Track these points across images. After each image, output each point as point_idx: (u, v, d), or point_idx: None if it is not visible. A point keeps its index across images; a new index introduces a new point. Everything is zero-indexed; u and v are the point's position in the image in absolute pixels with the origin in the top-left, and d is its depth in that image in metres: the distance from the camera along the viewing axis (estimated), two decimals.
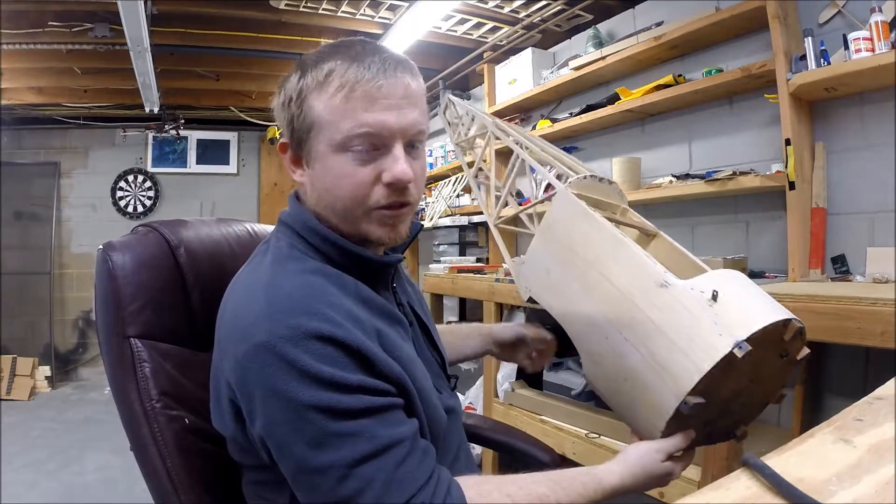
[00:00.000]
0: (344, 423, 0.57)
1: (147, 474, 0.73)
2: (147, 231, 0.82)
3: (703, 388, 0.64)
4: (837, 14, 1.64)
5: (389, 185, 0.65)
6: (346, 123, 0.63)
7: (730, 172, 1.79)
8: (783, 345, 0.70)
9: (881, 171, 1.57)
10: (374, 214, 0.67)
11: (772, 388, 0.77)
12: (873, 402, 0.57)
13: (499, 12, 2.66)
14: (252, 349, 0.58)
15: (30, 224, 4.39)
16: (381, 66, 0.64)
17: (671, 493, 1.50)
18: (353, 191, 0.65)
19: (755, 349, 0.63)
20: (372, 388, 0.59)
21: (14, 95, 3.70)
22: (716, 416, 0.73)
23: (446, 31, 2.88)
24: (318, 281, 0.64)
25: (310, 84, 0.65)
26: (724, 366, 0.63)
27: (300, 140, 0.68)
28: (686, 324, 0.66)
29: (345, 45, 0.67)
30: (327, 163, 0.66)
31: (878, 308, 1.09)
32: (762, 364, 0.70)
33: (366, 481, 0.56)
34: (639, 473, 0.70)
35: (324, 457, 0.56)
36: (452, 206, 3.36)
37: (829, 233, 1.66)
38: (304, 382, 0.56)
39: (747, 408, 0.77)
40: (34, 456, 2.83)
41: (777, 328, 0.67)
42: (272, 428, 0.58)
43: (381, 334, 0.64)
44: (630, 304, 0.71)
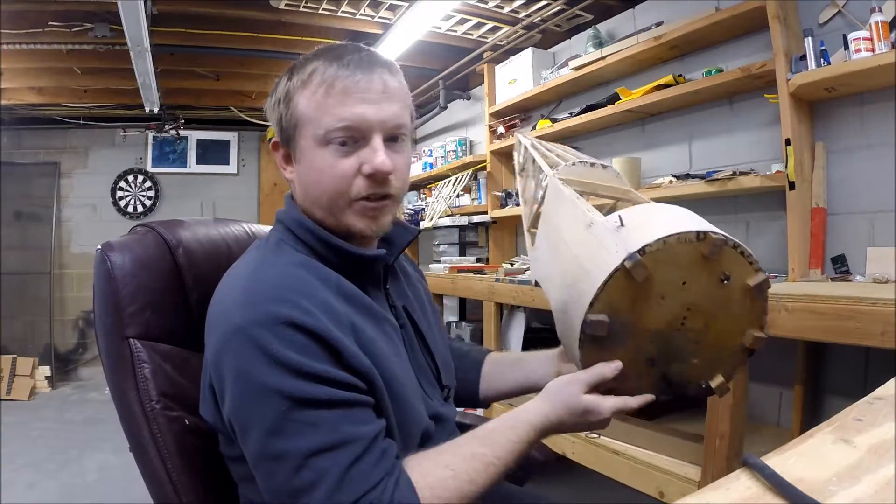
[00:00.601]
0: (305, 412, 0.58)
1: (147, 475, 0.72)
2: (146, 231, 0.82)
3: (604, 306, 0.64)
4: (837, 14, 1.64)
5: (370, 176, 0.68)
6: (327, 118, 0.67)
7: (730, 172, 1.79)
8: (714, 265, 0.65)
9: (881, 171, 1.57)
10: (355, 206, 0.69)
11: (735, 327, 0.69)
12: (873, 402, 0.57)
13: (499, 12, 2.66)
14: (228, 333, 0.60)
15: (30, 224, 4.39)
16: (358, 63, 0.67)
17: (671, 493, 1.50)
18: (336, 183, 0.68)
19: (660, 264, 0.63)
20: (337, 380, 0.60)
21: (14, 95, 3.70)
22: (657, 352, 0.69)
23: (446, 31, 2.87)
24: (298, 272, 0.66)
25: (295, 84, 0.69)
26: (624, 282, 0.63)
27: (288, 138, 0.71)
28: (595, 252, 0.67)
29: (331, 48, 0.71)
30: (311, 157, 0.69)
31: (878, 308, 1.09)
32: (695, 289, 0.66)
33: (319, 474, 0.57)
34: (559, 406, 0.68)
35: (281, 443, 0.57)
36: (452, 206, 3.36)
37: (829, 233, 1.66)
38: (270, 367, 0.58)
39: (709, 351, 0.70)
40: (34, 456, 2.83)
41: (688, 241, 0.63)
42: (238, 409, 0.60)
43: (356, 328, 0.65)
44: (571, 254, 0.73)
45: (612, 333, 0.66)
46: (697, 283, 0.66)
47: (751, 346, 0.70)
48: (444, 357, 0.86)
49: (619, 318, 0.65)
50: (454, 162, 3.39)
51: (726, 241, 0.65)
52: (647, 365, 0.69)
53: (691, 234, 0.64)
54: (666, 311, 0.66)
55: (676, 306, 0.66)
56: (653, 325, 0.67)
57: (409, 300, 0.84)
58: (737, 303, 0.68)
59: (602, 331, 0.65)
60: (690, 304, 0.67)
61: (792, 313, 1.23)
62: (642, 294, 0.64)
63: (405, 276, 0.88)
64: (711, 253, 0.64)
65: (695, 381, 0.72)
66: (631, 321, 0.66)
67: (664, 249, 0.63)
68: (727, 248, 0.65)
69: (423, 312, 0.86)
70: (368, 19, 2.74)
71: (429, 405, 0.76)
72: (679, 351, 0.69)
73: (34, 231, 4.39)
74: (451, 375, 0.86)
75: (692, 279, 0.65)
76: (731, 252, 0.66)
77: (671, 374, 0.71)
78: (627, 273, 0.62)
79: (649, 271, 0.62)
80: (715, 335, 0.69)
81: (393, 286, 0.81)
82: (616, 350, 0.67)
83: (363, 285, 0.73)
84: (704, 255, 0.64)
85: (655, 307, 0.66)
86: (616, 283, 0.63)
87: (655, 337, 0.68)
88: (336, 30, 2.86)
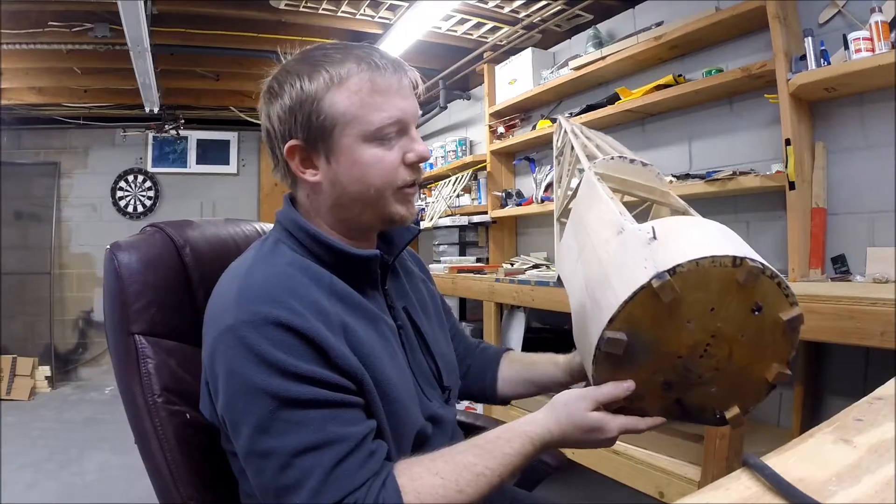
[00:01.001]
0: (291, 412, 0.59)
1: (149, 468, 0.75)
2: (154, 231, 0.85)
3: (624, 324, 0.60)
4: (837, 14, 1.64)
5: (413, 163, 0.72)
6: (378, 114, 0.69)
7: (730, 172, 1.79)
8: (747, 293, 0.60)
9: (881, 171, 1.57)
10: (398, 194, 0.72)
11: (760, 359, 0.65)
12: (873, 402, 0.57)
13: (499, 12, 2.66)
14: (220, 332, 0.62)
15: (30, 224, 4.39)
16: (390, 63, 0.71)
17: (671, 494, 1.50)
18: (385, 174, 0.70)
19: (690, 287, 0.59)
20: (324, 380, 0.60)
21: (14, 95, 3.70)
22: (675, 376, 0.65)
23: (446, 31, 2.87)
24: (290, 272, 0.67)
25: (325, 84, 0.69)
26: (648, 301, 0.59)
27: (316, 139, 0.70)
28: (622, 262, 0.63)
29: (344, 48, 0.72)
30: (357, 153, 0.70)
31: (878, 308, 1.09)
32: (723, 316, 0.62)
33: (305, 473, 0.57)
34: (564, 421, 0.66)
35: (268, 441, 0.58)
36: (452, 206, 3.36)
37: (829, 233, 1.66)
38: (258, 366, 0.59)
39: (730, 380, 0.66)
40: (34, 456, 2.83)
41: (722, 266, 0.59)
42: (229, 407, 0.61)
43: (347, 328, 0.66)
44: (596, 258, 0.70)
45: (630, 353, 0.62)
46: (727, 310, 0.61)
47: (773, 380, 0.66)
48: (447, 358, 0.86)
49: (639, 337, 0.62)
50: (454, 162, 3.39)
51: (764, 269, 0.60)
52: (662, 388, 0.66)
53: (728, 258, 0.59)
54: (689, 336, 0.62)
55: (701, 332, 0.62)
56: (674, 348, 0.63)
57: (410, 300, 0.84)
58: (766, 334, 0.63)
59: (619, 349, 0.62)
60: (716, 331, 0.63)
61: None
62: (667, 316, 0.61)
63: (408, 276, 0.88)
64: (746, 281, 0.59)
65: (710, 409, 0.68)
66: (651, 342, 0.62)
67: (696, 272, 0.59)
68: (764, 278, 0.60)
69: (426, 313, 0.86)
70: (368, 19, 2.74)
71: (427, 406, 0.76)
72: (698, 378, 0.65)
73: (34, 231, 4.39)
74: (452, 377, 0.86)
75: (722, 306, 0.61)
76: (767, 282, 0.61)
77: (686, 400, 0.67)
78: (654, 292, 0.58)
79: (678, 293, 0.59)
80: (738, 365, 0.65)
81: (393, 286, 0.81)
82: (631, 370, 0.64)
83: (360, 285, 0.73)
84: (738, 282, 0.60)
85: (679, 331, 0.62)
86: (640, 300, 0.59)
87: (675, 361, 0.64)
88: (336, 30, 2.86)
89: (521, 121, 3.02)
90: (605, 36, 2.46)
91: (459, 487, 0.60)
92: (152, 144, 4.66)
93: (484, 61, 3.08)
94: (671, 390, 0.66)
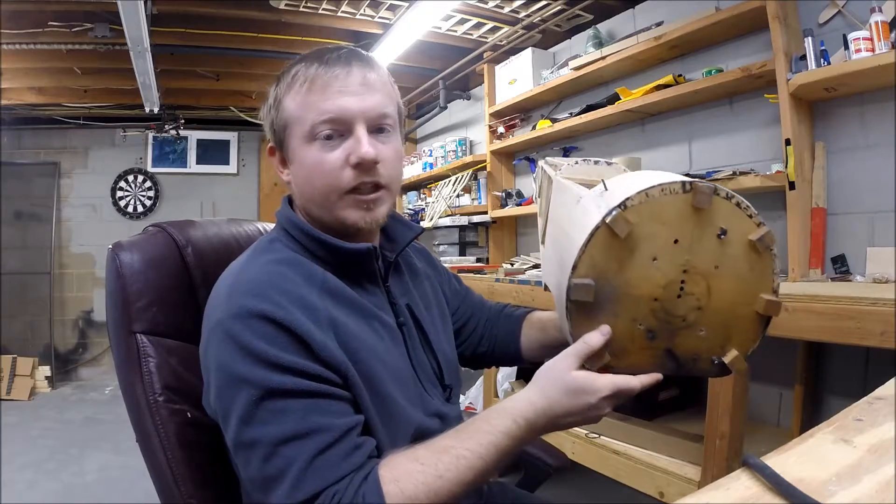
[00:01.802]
0: (274, 402, 0.59)
1: (150, 466, 0.75)
2: (156, 231, 0.86)
3: (588, 269, 0.59)
4: (837, 14, 1.64)
5: (356, 165, 0.69)
6: (311, 114, 0.69)
7: (730, 172, 1.79)
8: (707, 219, 0.59)
9: (881, 171, 1.57)
10: (346, 199, 0.71)
11: (744, 291, 0.62)
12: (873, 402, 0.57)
13: (499, 12, 2.66)
14: (212, 326, 0.64)
15: (30, 224, 4.39)
16: (336, 59, 0.70)
17: (671, 493, 1.50)
18: (325, 176, 0.70)
19: (646, 219, 0.58)
20: (307, 371, 0.61)
21: (14, 95, 3.70)
22: (657, 323, 0.62)
23: (446, 31, 2.87)
24: (279, 270, 0.68)
25: (282, 88, 0.72)
26: (607, 241, 0.58)
27: (280, 141, 0.74)
28: (581, 220, 0.63)
29: (316, 51, 0.73)
30: (301, 155, 0.71)
31: (878, 308, 1.09)
32: (690, 248, 0.60)
33: (287, 462, 0.58)
34: (548, 388, 0.62)
35: (252, 431, 0.59)
36: (452, 206, 3.36)
37: (829, 233, 1.66)
38: (243, 357, 0.60)
39: (717, 319, 0.63)
40: (34, 456, 2.83)
41: (673, 193, 0.58)
42: (218, 398, 0.63)
43: (336, 323, 0.66)
44: (563, 233, 0.70)
45: (601, 300, 0.60)
46: (691, 239, 0.60)
47: (764, 311, 0.62)
48: (448, 356, 0.86)
49: (608, 283, 0.60)
50: (454, 162, 3.39)
51: (716, 190, 0.59)
52: (646, 338, 0.63)
53: (676, 184, 0.58)
54: (660, 274, 0.60)
55: (671, 269, 0.60)
56: (647, 291, 0.61)
57: (414, 297, 0.83)
58: (741, 262, 0.61)
59: (588, 296, 0.59)
60: (686, 264, 0.60)
61: (792, 313, 1.23)
62: (629, 254, 0.59)
63: (413, 273, 0.88)
64: (700, 203, 0.58)
65: (705, 356, 0.64)
66: (621, 286, 0.60)
67: (647, 203, 0.58)
68: (720, 200, 0.59)
69: (429, 311, 0.86)
70: (368, 19, 2.74)
71: (429, 404, 0.76)
72: (682, 322, 0.62)
73: (34, 231, 4.39)
74: (453, 375, 0.86)
75: (684, 236, 0.60)
76: (724, 204, 0.60)
77: (677, 349, 0.64)
78: (609, 230, 0.58)
79: (632, 225, 0.58)
80: (721, 301, 0.62)
81: (395, 283, 0.81)
82: (608, 320, 0.62)
83: (358, 280, 0.74)
84: (694, 207, 0.59)
85: (647, 270, 0.60)
86: (598, 241, 0.59)
87: (653, 305, 0.61)
88: (336, 30, 2.86)
89: (521, 121, 3.02)
90: (605, 36, 2.46)
91: (439, 472, 0.58)
92: (152, 144, 4.66)
93: (484, 61, 3.08)
94: (657, 339, 0.63)
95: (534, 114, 2.96)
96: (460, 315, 0.98)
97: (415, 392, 0.75)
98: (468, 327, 0.98)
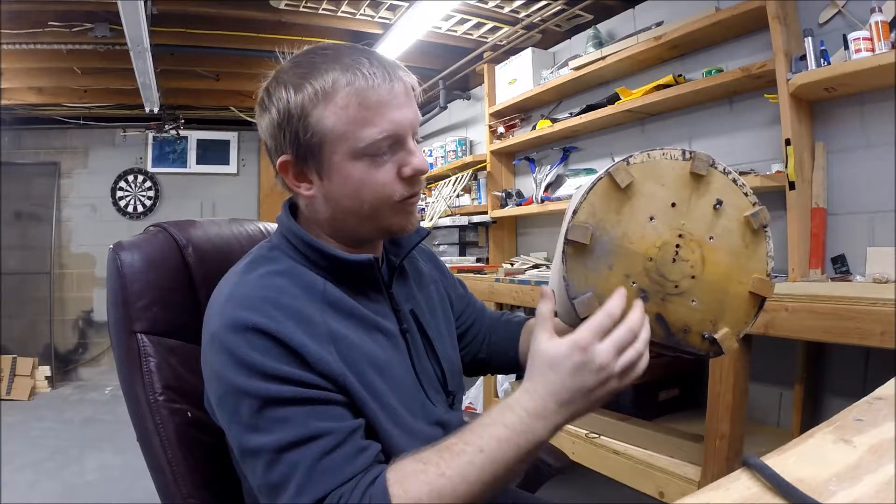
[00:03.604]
0: (274, 410, 0.59)
1: (150, 465, 0.76)
2: (157, 231, 0.86)
3: (589, 217, 0.62)
4: (837, 14, 1.64)
5: (410, 177, 0.69)
6: (368, 131, 0.65)
7: None
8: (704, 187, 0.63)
9: (881, 171, 1.57)
10: (396, 207, 0.70)
11: (737, 267, 0.64)
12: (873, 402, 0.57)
13: (499, 12, 2.66)
14: (208, 337, 0.64)
15: (30, 224, 4.39)
16: (381, 70, 0.66)
17: (671, 493, 1.50)
18: (378, 191, 0.68)
19: (646, 178, 0.62)
20: (302, 380, 0.61)
21: (14, 95, 3.70)
22: (650, 283, 0.63)
23: (446, 31, 2.87)
24: (278, 281, 0.67)
25: (311, 98, 0.65)
26: (608, 191, 0.62)
27: (307, 156, 0.68)
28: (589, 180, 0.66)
29: (332, 55, 0.67)
30: (348, 171, 0.67)
31: (878, 308, 1.09)
32: (686, 213, 0.63)
33: (291, 468, 0.58)
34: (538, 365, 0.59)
35: (254, 440, 0.60)
36: (452, 206, 3.36)
37: (829, 233, 1.66)
38: (239, 369, 0.60)
39: (710, 292, 0.64)
40: (34, 456, 2.83)
41: (673, 158, 0.63)
42: (219, 409, 0.63)
43: (337, 337, 0.66)
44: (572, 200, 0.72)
45: (598, 249, 0.62)
46: (688, 205, 0.63)
47: (756, 290, 0.64)
48: (452, 362, 0.85)
49: (606, 232, 0.62)
50: (454, 162, 3.39)
51: (715, 162, 0.63)
52: (639, 298, 0.63)
53: (676, 151, 0.64)
54: (656, 233, 0.63)
55: (667, 230, 0.63)
56: (642, 247, 0.63)
57: (418, 303, 0.83)
58: (735, 236, 0.64)
59: (584, 237, 0.61)
60: (682, 229, 0.63)
61: (792, 313, 1.23)
62: (629, 209, 0.63)
63: (417, 276, 0.87)
64: (697, 168, 0.63)
65: (696, 329, 0.65)
66: (617, 238, 0.62)
67: (649, 163, 0.63)
68: (717, 173, 0.64)
69: (433, 315, 0.85)
70: (368, 19, 2.74)
71: (431, 413, 0.75)
72: (675, 287, 0.64)
73: (34, 231, 4.39)
74: (457, 381, 0.85)
75: (681, 200, 0.63)
76: (721, 178, 0.64)
77: (668, 316, 0.64)
78: (611, 179, 0.62)
79: (633, 177, 0.62)
80: (714, 273, 0.64)
81: (400, 288, 0.80)
82: (602, 271, 0.63)
83: (361, 289, 0.73)
84: (692, 174, 0.63)
85: (644, 227, 0.63)
86: (600, 189, 0.62)
87: (647, 265, 0.63)
88: (336, 30, 2.86)
89: (521, 121, 3.02)
90: (605, 36, 2.46)
91: (441, 470, 0.56)
92: (152, 144, 4.66)
93: (484, 61, 3.08)
94: (649, 301, 0.64)
95: (534, 114, 2.96)
96: (464, 320, 0.97)
97: (417, 401, 0.74)
98: (470, 333, 0.98)
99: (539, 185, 2.75)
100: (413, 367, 0.76)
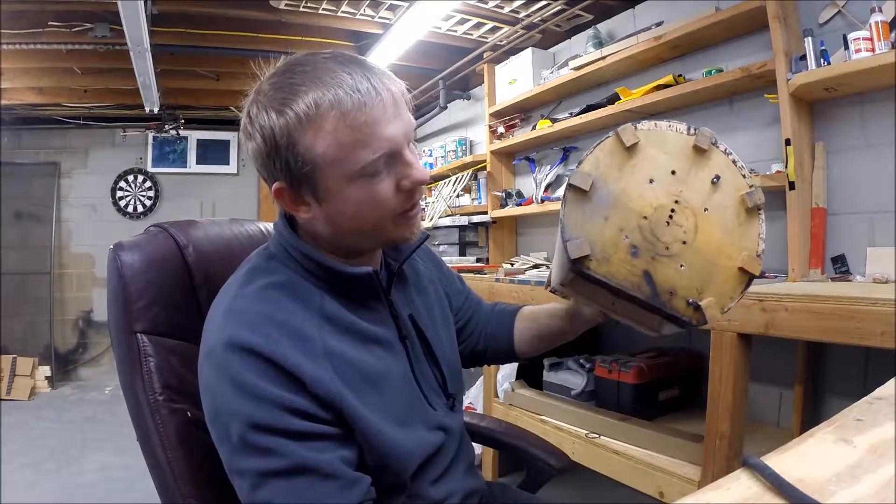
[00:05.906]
0: (260, 436, 0.59)
1: (150, 465, 0.76)
2: (157, 231, 0.86)
3: (592, 168, 0.67)
4: (837, 14, 1.64)
5: (411, 189, 0.68)
6: (362, 153, 0.62)
7: None
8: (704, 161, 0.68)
9: (881, 171, 1.57)
10: (398, 219, 0.69)
11: (728, 243, 0.67)
12: (873, 402, 0.57)
13: (499, 12, 2.66)
14: (205, 353, 0.64)
15: (30, 224, 4.39)
16: (365, 83, 0.62)
17: (671, 493, 1.50)
18: (381, 207, 0.67)
19: (651, 143, 0.67)
20: (295, 407, 0.60)
21: (14, 95, 3.70)
22: (642, 240, 0.66)
23: (446, 31, 2.87)
24: (275, 296, 0.66)
25: (295, 125, 0.62)
26: (613, 148, 0.67)
27: (301, 183, 0.65)
28: None
29: (311, 71, 0.63)
30: (345, 194, 0.65)
31: (878, 308, 1.09)
32: (685, 182, 0.67)
33: (276, 493, 0.59)
34: None
35: (240, 461, 0.61)
36: (452, 206, 3.36)
37: (829, 233, 1.66)
38: (233, 389, 0.60)
39: (700, 261, 0.66)
40: (34, 456, 2.83)
41: (678, 132, 0.68)
42: (210, 424, 0.64)
43: (333, 353, 0.65)
44: None
45: (596, 199, 0.66)
46: (687, 175, 0.68)
47: (745, 266, 0.67)
48: (452, 364, 0.85)
49: (606, 185, 0.66)
50: (454, 162, 3.39)
51: (717, 141, 0.68)
52: (629, 253, 0.66)
53: (682, 125, 0.68)
54: (653, 195, 0.67)
55: (664, 194, 0.67)
56: (639, 205, 0.66)
57: (417, 307, 0.82)
58: (730, 213, 0.68)
59: (585, 183, 0.65)
60: (679, 196, 0.67)
61: (792, 313, 1.23)
62: (631, 168, 0.67)
63: (417, 279, 0.87)
64: (700, 142, 0.67)
65: (681, 293, 0.66)
66: (617, 193, 0.66)
67: (655, 131, 0.68)
68: (718, 152, 0.68)
69: (432, 318, 0.84)
70: (368, 19, 2.74)
71: (432, 418, 0.76)
72: (666, 249, 0.66)
73: (34, 231, 4.39)
74: (457, 383, 0.86)
75: (681, 169, 0.68)
76: (722, 157, 0.68)
77: (655, 275, 0.66)
78: (617, 137, 0.66)
79: (638, 139, 0.66)
80: (705, 243, 0.67)
81: (398, 294, 0.80)
82: (598, 221, 0.66)
83: (359, 299, 0.73)
84: (695, 147, 0.68)
85: (643, 187, 0.67)
86: (606, 145, 0.67)
87: (641, 222, 0.66)
88: (336, 30, 2.86)
89: (521, 121, 3.02)
90: (605, 36, 2.45)
91: None
92: (152, 144, 4.66)
93: (484, 61, 3.08)
94: (638, 257, 0.66)
95: (534, 114, 2.96)
96: (462, 315, 0.98)
97: (417, 408, 0.74)
98: (469, 327, 0.98)
99: (539, 185, 2.75)
100: (413, 372, 0.76)
